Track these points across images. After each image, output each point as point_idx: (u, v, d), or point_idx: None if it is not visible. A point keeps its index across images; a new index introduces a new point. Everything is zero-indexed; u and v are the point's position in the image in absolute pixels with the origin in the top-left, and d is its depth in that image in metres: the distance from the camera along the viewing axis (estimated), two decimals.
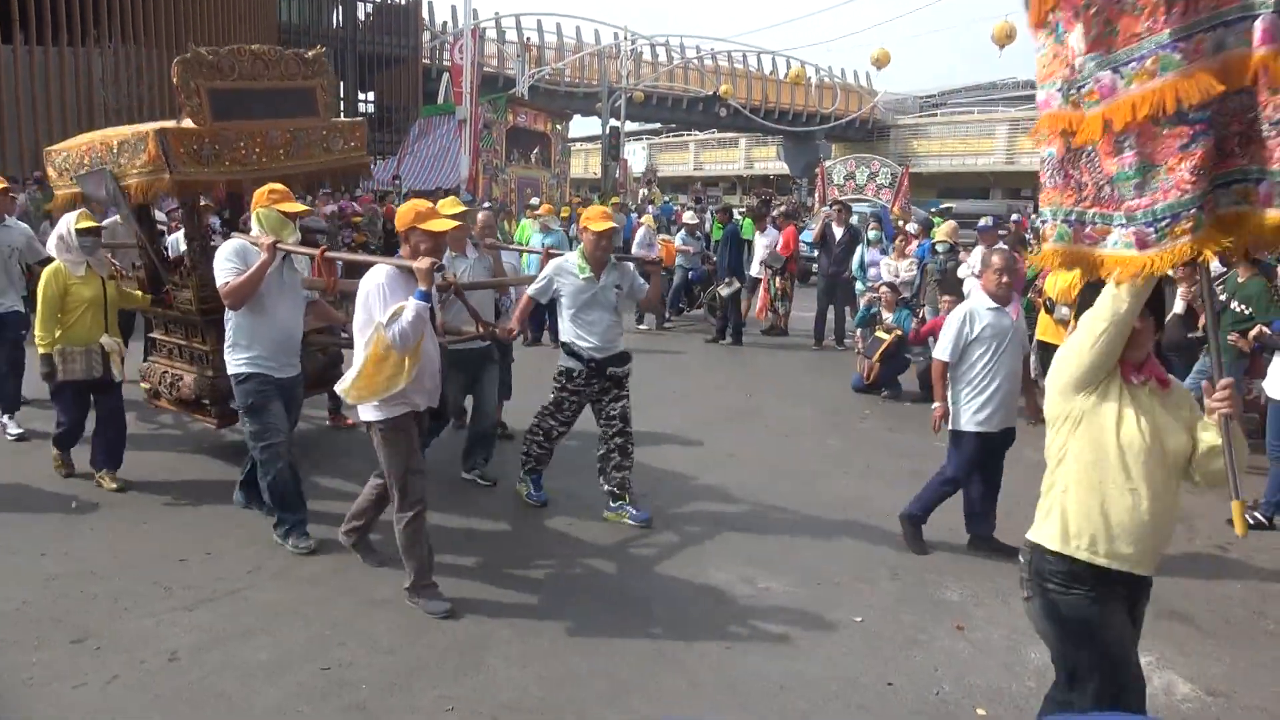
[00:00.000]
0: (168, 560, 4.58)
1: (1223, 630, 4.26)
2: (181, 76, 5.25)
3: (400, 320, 3.78)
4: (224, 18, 21.36)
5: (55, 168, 6.25)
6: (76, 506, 5.26)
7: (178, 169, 5.23)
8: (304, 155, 5.94)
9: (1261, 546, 5.30)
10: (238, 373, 4.67)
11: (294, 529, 4.73)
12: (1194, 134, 2.18)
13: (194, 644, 3.78)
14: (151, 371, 6.21)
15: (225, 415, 5.90)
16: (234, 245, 4.66)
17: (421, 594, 4.14)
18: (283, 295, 4.73)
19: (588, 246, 5.08)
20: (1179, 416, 2.60)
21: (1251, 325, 6.29)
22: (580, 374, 5.15)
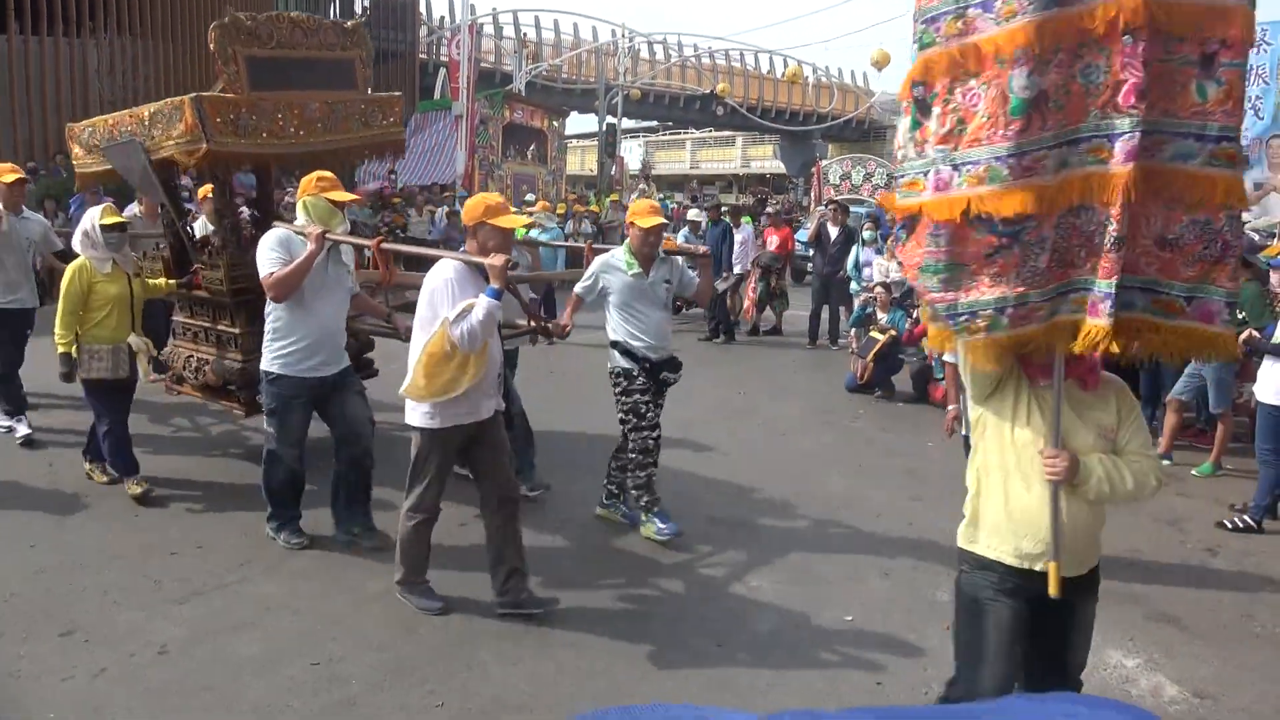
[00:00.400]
0: (158, 553, 4.57)
1: (1211, 633, 4.28)
2: (219, 42, 5.04)
3: (469, 319, 3.63)
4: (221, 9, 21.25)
5: (81, 144, 6.00)
6: (53, 466, 5.29)
7: (215, 139, 4.97)
8: (341, 130, 5.69)
9: (1249, 550, 5.33)
10: (268, 371, 4.52)
11: (286, 525, 4.70)
12: (998, 246, 2.29)
13: (184, 637, 3.78)
14: (175, 356, 5.99)
15: (254, 401, 5.65)
16: (278, 234, 4.48)
17: (413, 590, 4.10)
18: (327, 289, 4.54)
19: (634, 242, 4.88)
20: (1090, 418, 2.57)
21: (1244, 329, 6.30)
22: (638, 375, 4.90)
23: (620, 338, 4.93)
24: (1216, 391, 6.62)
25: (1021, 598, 2.63)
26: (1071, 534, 2.55)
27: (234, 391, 5.71)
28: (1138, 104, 2.17)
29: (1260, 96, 11.95)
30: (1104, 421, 2.58)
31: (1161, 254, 2.33)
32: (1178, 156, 2.26)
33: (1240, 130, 2.30)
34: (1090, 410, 2.58)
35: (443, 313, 3.71)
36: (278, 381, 4.51)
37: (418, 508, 4.02)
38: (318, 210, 4.48)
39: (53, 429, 6.46)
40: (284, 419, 4.56)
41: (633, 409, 4.92)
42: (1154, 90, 2.19)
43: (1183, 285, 2.35)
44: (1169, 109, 2.23)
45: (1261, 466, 5.74)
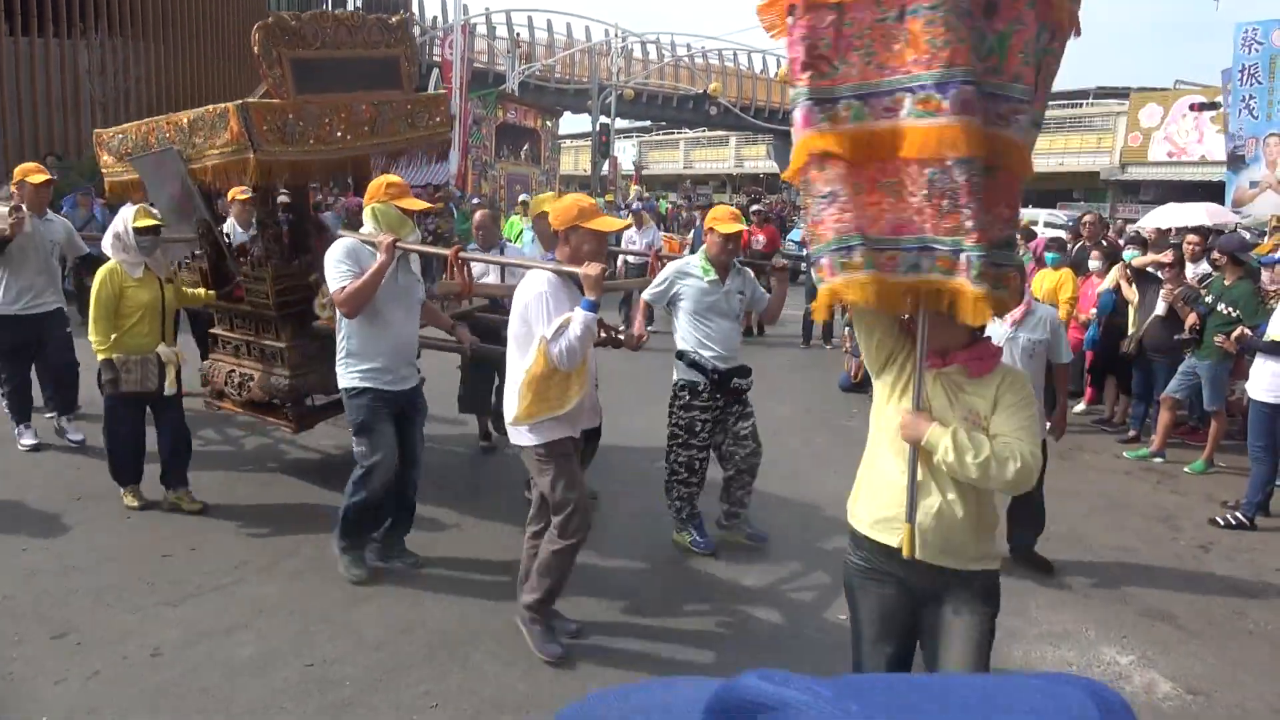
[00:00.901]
0: (152, 555, 4.55)
1: (1204, 630, 4.29)
2: (263, 45, 4.78)
3: (567, 335, 3.41)
4: (213, 10, 21.22)
5: (111, 152, 5.71)
6: (44, 468, 5.23)
7: (262, 147, 4.72)
8: (388, 132, 5.43)
9: (1242, 546, 5.35)
10: (351, 387, 4.23)
11: (350, 551, 4.40)
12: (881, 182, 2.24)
13: (177, 639, 3.77)
14: (215, 371, 5.69)
15: (303, 417, 5.50)
16: (345, 245, 4.21)
17: (539, 620, 3.79)
18: (399, 300, 4.28)
19: (712, 249, 4.68)
20: (965, 403, 2.47)
21: (1236, 327, 6.33)
22: (704, 388, 4.68)
23: (689, 346, 4.71)
24: (1210, 389, 6.65)
25: (891, 585, 2.57)
26: (941, 516, 2.44)
27: (282, 408, 5.47)
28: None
29: (1254, 96, 12.01)
30: (976, 407, 2.46)
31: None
32: None
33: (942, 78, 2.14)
34: (966, 395, 2.48)
35: (539, 330, 3.48)
36: (363, 395, 4.22)
37: (567, 531, 3.68)
38: (387, 218, 4.26)
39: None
40: (376, 429, 4.22)
41: (687, 425, 4.75)
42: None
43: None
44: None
45: (1253, 463, 5.76)
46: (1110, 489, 6.36)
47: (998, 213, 2.22)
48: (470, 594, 4.26)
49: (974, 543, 2.51)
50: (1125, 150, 33.73)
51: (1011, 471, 2.32)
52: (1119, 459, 7.11)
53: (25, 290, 5.96)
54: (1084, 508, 5.85)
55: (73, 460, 5.91)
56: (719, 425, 4.80)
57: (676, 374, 4.80)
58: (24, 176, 6.08)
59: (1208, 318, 6.64)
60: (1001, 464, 2.32)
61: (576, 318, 3.43)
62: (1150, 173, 32.71)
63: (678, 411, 4.79)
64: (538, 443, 3.62)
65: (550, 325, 3.44)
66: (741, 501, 4.96)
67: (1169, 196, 19.62)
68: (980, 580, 2.53)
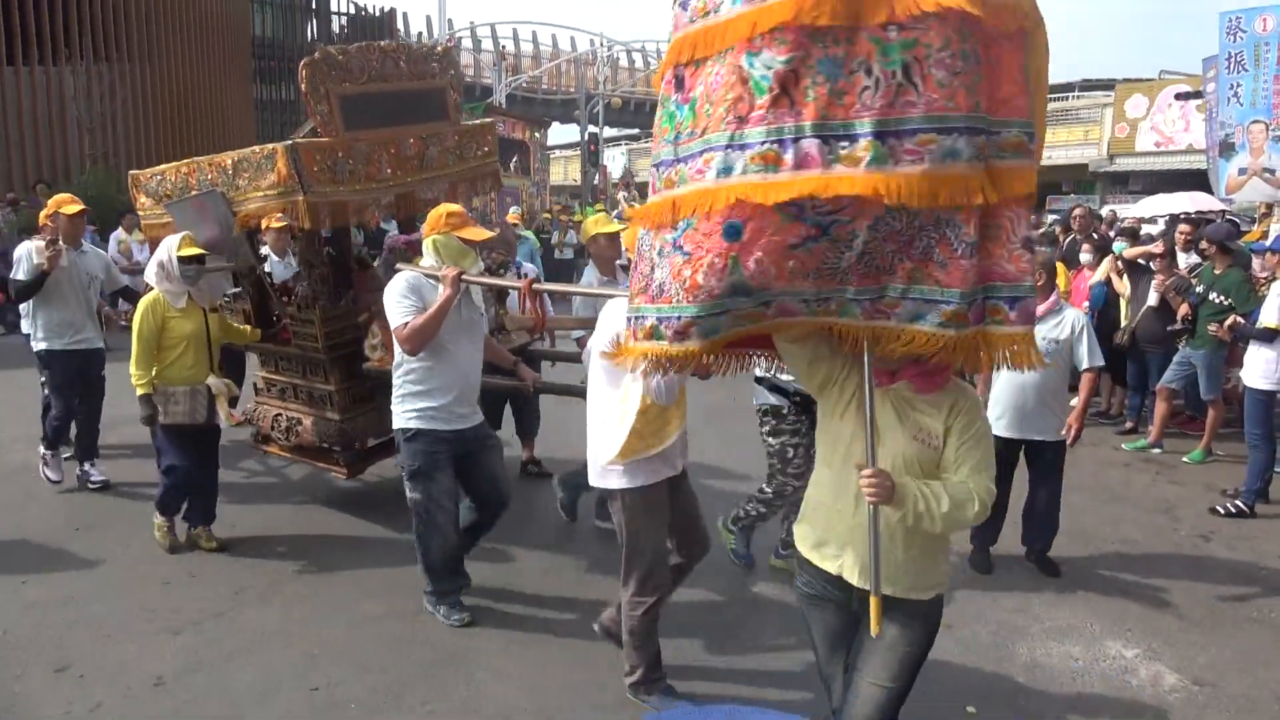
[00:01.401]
0: (151, 583, 4.53)
1: (1207, 620, 4.29)
2: (310, 81, 4.62)
3: None
4: (197, 33, 21.24)
5: (149, 194, 5.55)
6: (40, 499, 5.13)
7: (312, 189, 4.55)
8: (437, 166, 5.26)
9: (1242, 535, 5.35)
10: (406, 428, 4.02)
11: (444, 598, 4.19)
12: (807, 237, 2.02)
13: (179, 668, 3.75)
14: (261, 415, 5.54)
15: (355, 462, 5.34)
16: (406, 279, 3.98)
17: (653, 689, 3.54)
18: (463, 335, 4.07)
19: None
20: (915, 421, 2.38)
21: (1229, 315, 6.34)
22: (789, 411, 4.45)
23: (769, 371, 4.37)
24: (1206, 378, 6.66)
25: (831, 609, 2.54)
26: (871, 541, 2.35)
27: (332, 452, 5.31)
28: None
29: (1240, 83, 12.06)
30: (926, 425, 2.37)
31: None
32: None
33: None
34: (916, 412, 2.39)
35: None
36: (419, 438, 4.00)
37: (646, 588, 3.45)
38: (449, 250, 4.00)
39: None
40: (432, 477, 4.02)
41: (779, 453, 4.52)
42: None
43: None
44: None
45: (1251, 451, 5.77)
46: (1110, 481, 6.36)
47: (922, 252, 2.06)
48: (472, 612, 4.24)
49: (916, 572, 2.43)
50: (1113, 141, 33.79)
51: (971, 514, 2.29)
52: (1117, 451, 7.11)
53: (67, 325, 5.79)
54: (1084, 500, 5.84)
55: (71, 489, 5.89)
56: (802, 453, 4.47)
57: (756, 399, 4.56)
58: (58, 208, 5.86)
59: (1200, 307, 6.66)
60: (960, 508, 2.28)
61: None
62: (1139, 163, 32.77)
63: (768, 440, 4.56)
64: (630, 486, 3.36)
65: None
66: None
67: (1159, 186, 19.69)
68: (917, 605, 2.46)
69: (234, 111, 22.87)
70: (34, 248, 5.64)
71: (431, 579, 4.19)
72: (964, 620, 4.24)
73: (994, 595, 4.51)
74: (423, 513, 4.05)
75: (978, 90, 1.94)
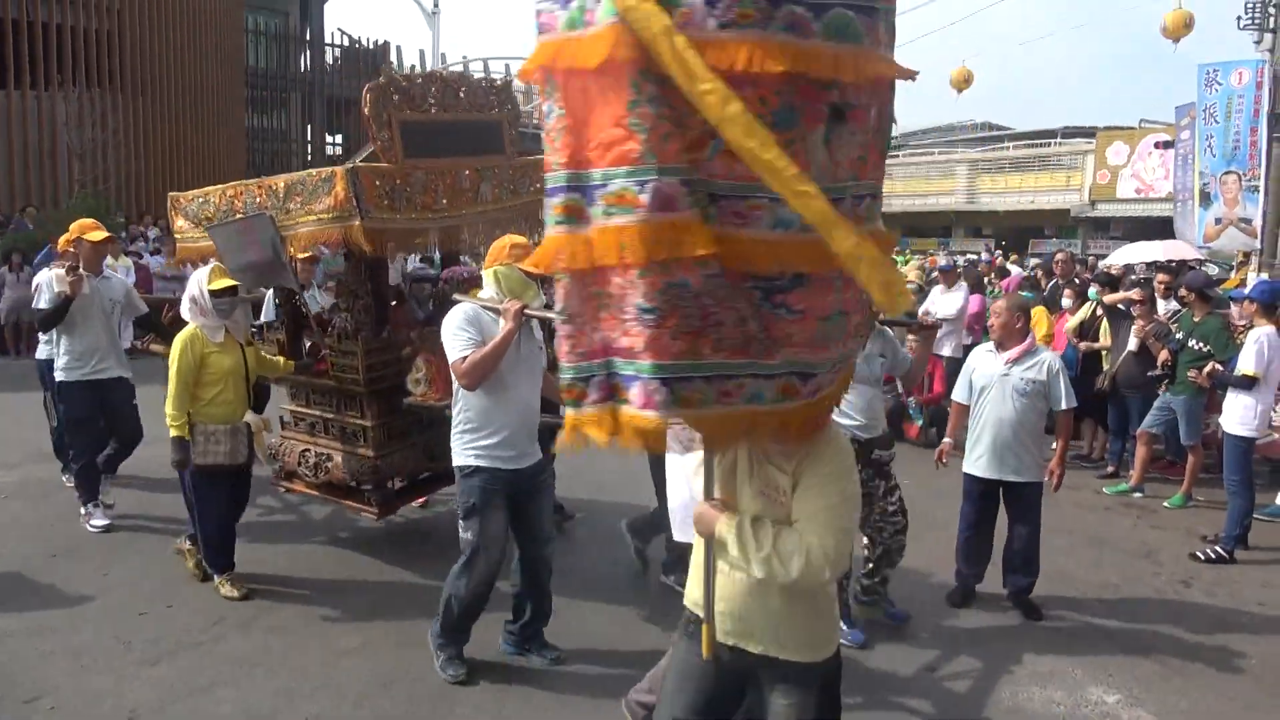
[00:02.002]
0: (127, 613, 4.47)
1: (1188, 666, 4.30)
2: (374, 105, 4.56)
3: None
4: (191, 63, 21.36)
5: (188, 217, 5.41)
6: (15, 523, 5.01)
7: (369, 214, 4.45)
8: (490, 200, 5.18)
9: (1222, 580, 5.38)
10: (466, 465, 3.87)
11: (449, 649, 4.01)
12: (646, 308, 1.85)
13: (155, 701, 3.69)
14: (287, 449, 5.33)
15: (387, 502, 5.17)
16: (465, 311, 3.85)
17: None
18: (522, 369, 3.94)
19: None
20: (764, 474, 2.24)
21: (1208, 362, 6.43)
22: None
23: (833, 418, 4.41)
24: (1186, 424, 6.73)
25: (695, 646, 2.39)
26: (736, 599, 2.26)
27: (362, 491, 5.14)
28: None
29: (1213, 135, 12.34)
30: (775, 479, 2.20)
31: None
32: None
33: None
34: (768, 465, 2.23)
35: None
36: (477, 475, 3.85)
37: None
38: (510, 281, 3.87)
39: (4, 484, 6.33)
40: (487, 516, 3.86)
41: None
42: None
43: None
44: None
45: (1230, 497, 5.82)
46: (1091, 525, 6.40)
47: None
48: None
49: (796, 628, 2.26)
50: (1094, 187, 34.36)
51: (796, 569, 2.09)
52: (1099, 494, 7.16)
53: (89, 354, 5.62)
54: (1066, 543, 5.87)
55: (49, 516, 5.82)
56: (866, 501, 4.27)
57: None
58: (81, 234, 5.71)
59: (1179, 353, 6.75)
60: (785, 561, 2.11)
61: None
62: (1119, 209, 33.31)
63: None
64: None
65: None
66: (885, 578, 4.60)
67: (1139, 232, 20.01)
68: (804, 671, 2.28)
69: (226, 141, 22.95)
70: (55, 275, 5.50)
71: (444, 624, 3.99)
72: (946, 662, 4.24)
73: (976, 637, 4.51)
74: (469, 555, 3.88)
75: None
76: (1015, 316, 4.77)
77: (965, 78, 20.98)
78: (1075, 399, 4.84)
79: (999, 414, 4.71)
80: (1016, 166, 39.02)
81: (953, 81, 21.17)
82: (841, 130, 1.83)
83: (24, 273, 12.47)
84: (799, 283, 1.87)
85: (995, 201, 38.73)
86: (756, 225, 1.81)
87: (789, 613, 2.24)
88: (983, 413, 4.79)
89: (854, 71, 1.76)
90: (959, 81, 21.05)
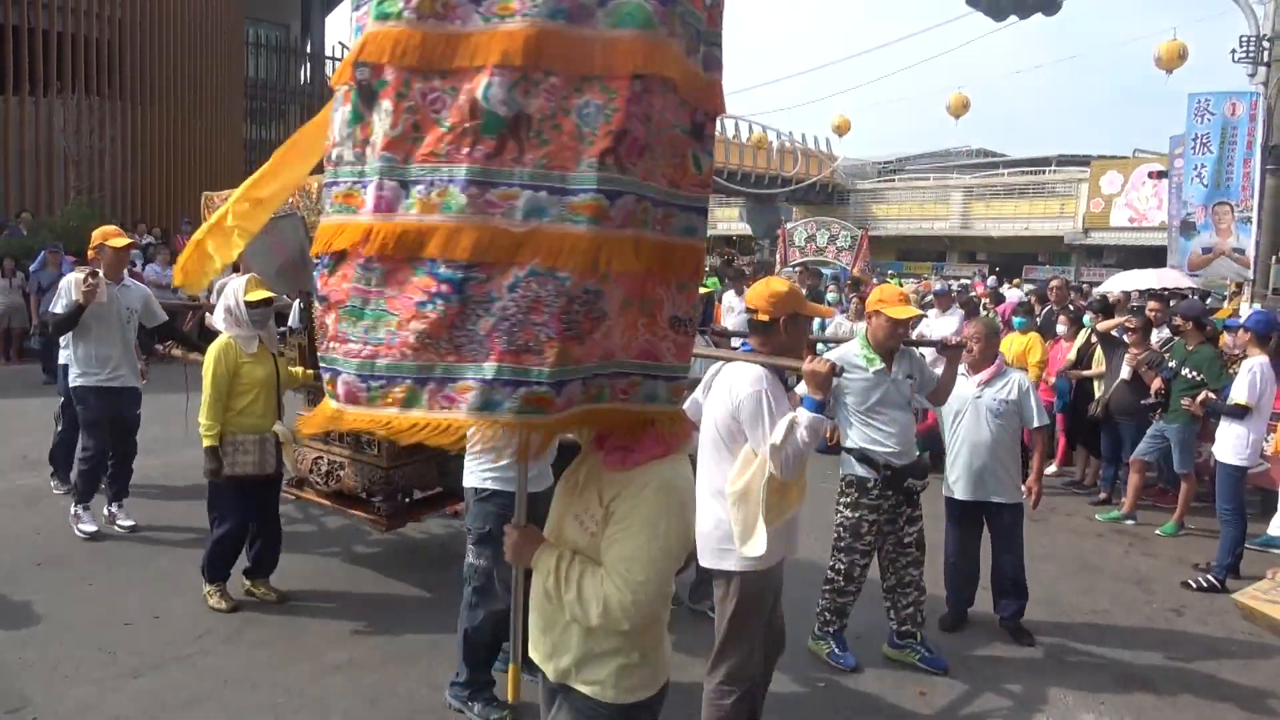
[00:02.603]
0: (113, 624, 4.42)
1: (1180, 694, 4.28)
2: None
3: (793, 439, 2.99)
4: (191, 73, 21.37)
5: None
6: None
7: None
8: None
9: (1214, 609, 5.37)
10: (481, 488, 3.69)
11: (481, 692, 3.77)
12: (434, 294, 1.76)
13: (138, 713, 3.64)
14: (300, 456, 5.29)
15: (396, 515, 5.10)
16: None
17: None
18: None
19: (879, 333, 4.18)
20: (583, 500, 2.11)
21: (1201, 390, 6.45)
22: (875, 485, 4.24)
23: (860, 444, 4.26)
24: (1179, 452, 6.74)
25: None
26: (542, 625, 2.15)
27: (372, 502, 5.09)
28: (636, 161, 1.77)
29: (1204, 164, 12.43)
30: (589, 507, 2.06)
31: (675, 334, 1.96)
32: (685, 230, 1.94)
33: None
34: (588, 491, 2.10)
35: (760, 434, 3.07)
36: (494, 499, 3.65)
37: (738, 677, 3.25)
38: None
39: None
40: (498, 545, 3.82)
41: (852, 526, 4.32)
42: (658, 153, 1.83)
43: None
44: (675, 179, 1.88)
45: (1223, 526, 5.82)
46: (1083, 551, 6.39)
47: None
48: (440, 665, 4.16)
49: (588, 659, 2.09)
50: (1088, 215, 34.63)
51: (594, 616, 1.96)
52: (1091, 521, 7.15)
53: (105, 360, 5.59)
54: (1058, 570, 5.86)
55: (36, 524, 5.77)
56: (887, 528, 4.33)
57: (843, 469, 4.40)
58: (104, 240, 5.66)
59: (1173, 382, 6.77)
60: (585, 607, 1.98)
61: (803, 420, 3.02)
62: (1113, 238, 33.57)
63: (843, 511, 4.36)
64: (750, 569, 3.17)
65: (778, 429, 3.01)
66: (914, 619, 4.44)
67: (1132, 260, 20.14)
68: (595, 709, 2.10)
69: (224, 151, 22.94)
70: (75, 280, 5.47)
71: (470, 662, 3.75)
72: (937, 687, 4.21)
73: (968, 663, 4.49)
74: (484, 581, 3.70)
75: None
76: (990, 341, 4.82)
77: (963, 103, 21.18)
78: (1048, 417, 4.88)
79: (974, 437, 4.74)
80: (1011, 193, 39.31)
81: (950, 108, 21.36)
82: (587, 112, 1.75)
83: (15, 278, 12.45)
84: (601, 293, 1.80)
85: (990, 227, 38.98)
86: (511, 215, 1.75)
87: (595, 643, 2.08)
88: (958, 436, 4.81)
89: (605, 61, 1.73)
90: (957, 107, 21.25)
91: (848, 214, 39.33)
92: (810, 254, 17.86)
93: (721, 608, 3.30)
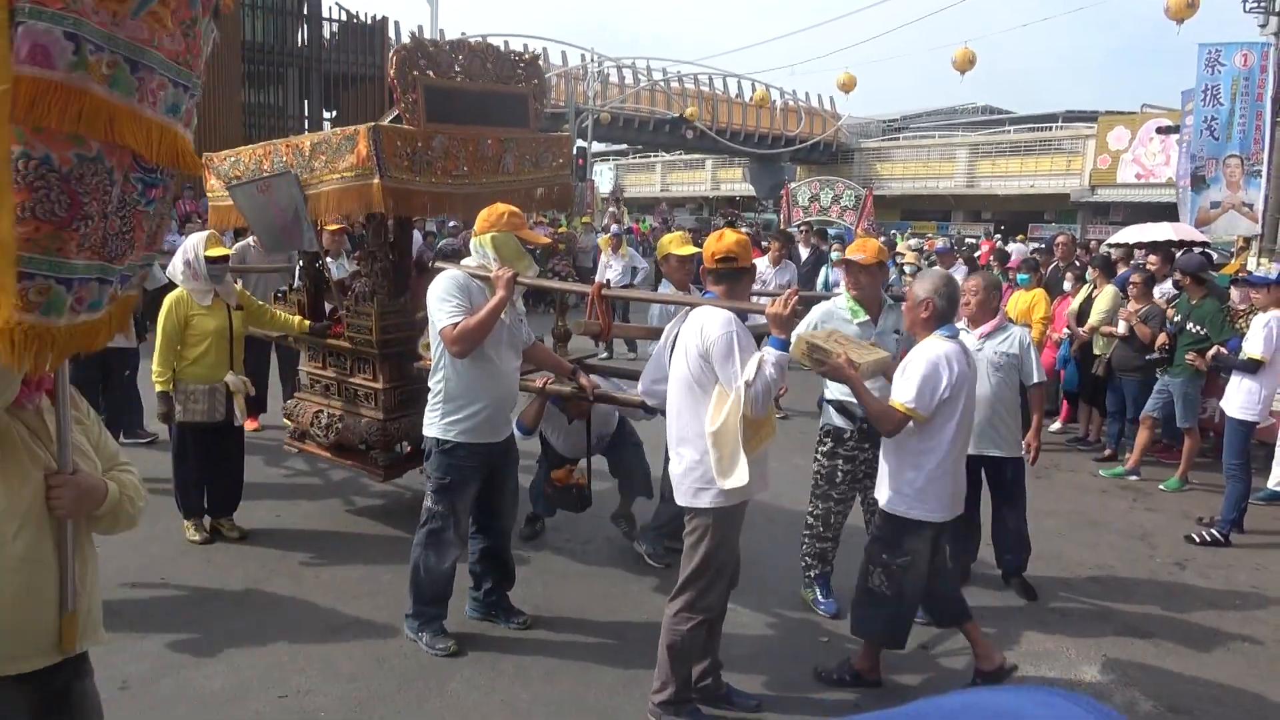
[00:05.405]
0: (119, 584, 4.44)
1: (1183, 647, 4.30)
2: (399, 68, 4.59)
3: (761, 377, 3.12)
4: None
5: (220, 176, 5.43)
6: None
7: (389, 174, 4.48)
8: (512, 170, 5.23)
9: (1217, 563, 5.38)
10: (443, 439, 3.80)
11: (428, 624, 3.97)
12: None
13: (146, 672, 3.68)
14: (300, 411, 5.48)
15: (393, 465, 5.26)
16: (453, 278, 3.78)
17: (681, 713, 3.43)
18: (506, 341, 3.89)
19: (852, 285, 4.32)
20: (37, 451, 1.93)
21: (1207, 345, 6.41)
22: (852, 436, 4.30)
23: (838, 395, 4.30)
24: (1182, 407, 6.72)
25: None
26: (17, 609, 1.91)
27: (370, 454, 5.24)
28: None
29: (1215, 117, 12.24)
30: (79, 443, 2.00)
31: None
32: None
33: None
34: (42, 438, 1.95)
35: (731, 371, 3.17)
36: (455, 451, 3.80)
37: (699, 607, 3.37)
38: (508, 249, 3.82)
39: None
40: (459, 494, 3.87)
41: (828, 474, 4.39)
42: None
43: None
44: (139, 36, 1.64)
45: (1229, 480, 5.81)
46: (1087, 507, 6.39)
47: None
48: (447, 622, 4.19)
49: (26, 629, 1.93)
50: (1094, 173, 34.30)
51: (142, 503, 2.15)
52: (1095, 477, 7.15)
53: None
54: (1062, 526, 5.87)
55: None
56: (865, 479, 4.34)
57: (822, 419, 4.47)
58: None
59: (1178, 336, 6.73)
60: (137, 498, 2.15)
61: (769, 358, 3.16)
62: (1119, 194, 33.26)
63: (820, 459, 4.44)
64: (725, 505, 3.29)
65: (749, 366, 3.13)
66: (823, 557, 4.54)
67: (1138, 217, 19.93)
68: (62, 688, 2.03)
69: (222, 115, 22.77)
70: None
71: (417, 599, 3.96)
72: (939, 641, 4.23)
73: None
74: (437, 526, 3.85)
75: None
76: (990, 294, 4.74)
77: (969, 59, 20.87)
78: (1044, 374, 4.91)
79: (977, 389, 4.69)
80: (1017, 150, 38.91)
81: (956, 63, 21.06)
82: None
83: None
84: (165, 176, 1.72)
85: (995, 185, 38.66)
86: (156, 108, 1.64)
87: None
88: None
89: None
90: (962, 63, 20.94)
91: (852, 173, 39.05)
92: (814, 214, 17.73)
93: (693, 541, 3.37)
